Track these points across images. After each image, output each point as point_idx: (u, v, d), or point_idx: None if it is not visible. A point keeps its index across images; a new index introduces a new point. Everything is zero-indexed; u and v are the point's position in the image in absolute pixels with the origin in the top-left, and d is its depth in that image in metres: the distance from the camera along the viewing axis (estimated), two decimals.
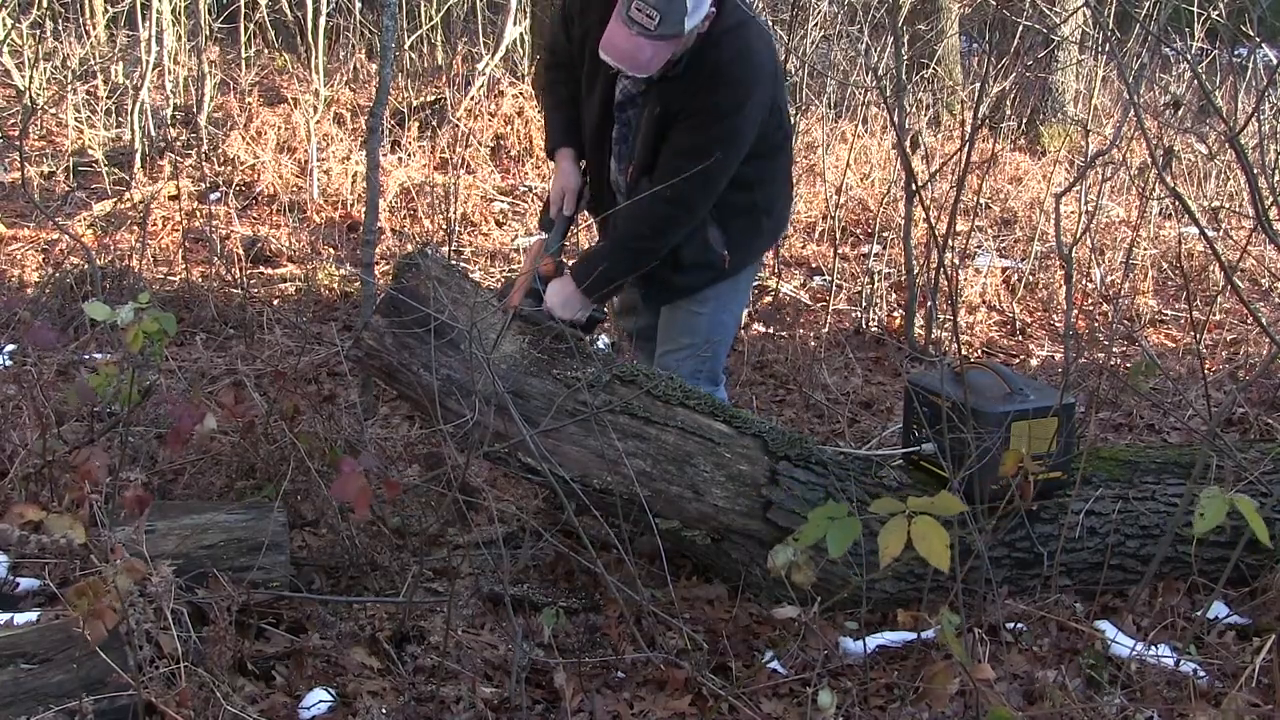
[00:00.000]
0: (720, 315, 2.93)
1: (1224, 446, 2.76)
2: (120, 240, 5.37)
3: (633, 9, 2.46)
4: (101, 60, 7.24)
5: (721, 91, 2.58)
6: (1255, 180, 2.60)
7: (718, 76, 2.58)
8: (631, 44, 2.48)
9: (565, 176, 2.86)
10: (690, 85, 2.60)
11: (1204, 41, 6.48)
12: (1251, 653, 2.40)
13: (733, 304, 2.98)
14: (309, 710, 2.17)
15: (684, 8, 2.46)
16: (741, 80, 2.60)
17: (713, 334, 2.94)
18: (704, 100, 2.58)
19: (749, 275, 3.04)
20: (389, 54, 3.59)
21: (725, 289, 2.90)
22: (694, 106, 2.59)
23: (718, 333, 2.95)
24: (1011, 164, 7.45)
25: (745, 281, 3.02)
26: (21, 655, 2.01)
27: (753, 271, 3.07)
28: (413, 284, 2.59)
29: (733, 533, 2.66)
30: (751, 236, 2.88)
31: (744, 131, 2.63)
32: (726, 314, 2.96)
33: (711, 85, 2.58)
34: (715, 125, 2.59)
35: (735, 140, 2.62)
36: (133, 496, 2.13)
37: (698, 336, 2.92)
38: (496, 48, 6.99)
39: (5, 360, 3.93)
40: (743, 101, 2.60)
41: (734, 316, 3.05)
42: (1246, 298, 3.74)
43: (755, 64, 2.62)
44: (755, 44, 2.65)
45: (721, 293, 2.89)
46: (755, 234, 2.89)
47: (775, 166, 2.85)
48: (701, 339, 2.92)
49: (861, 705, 2.26)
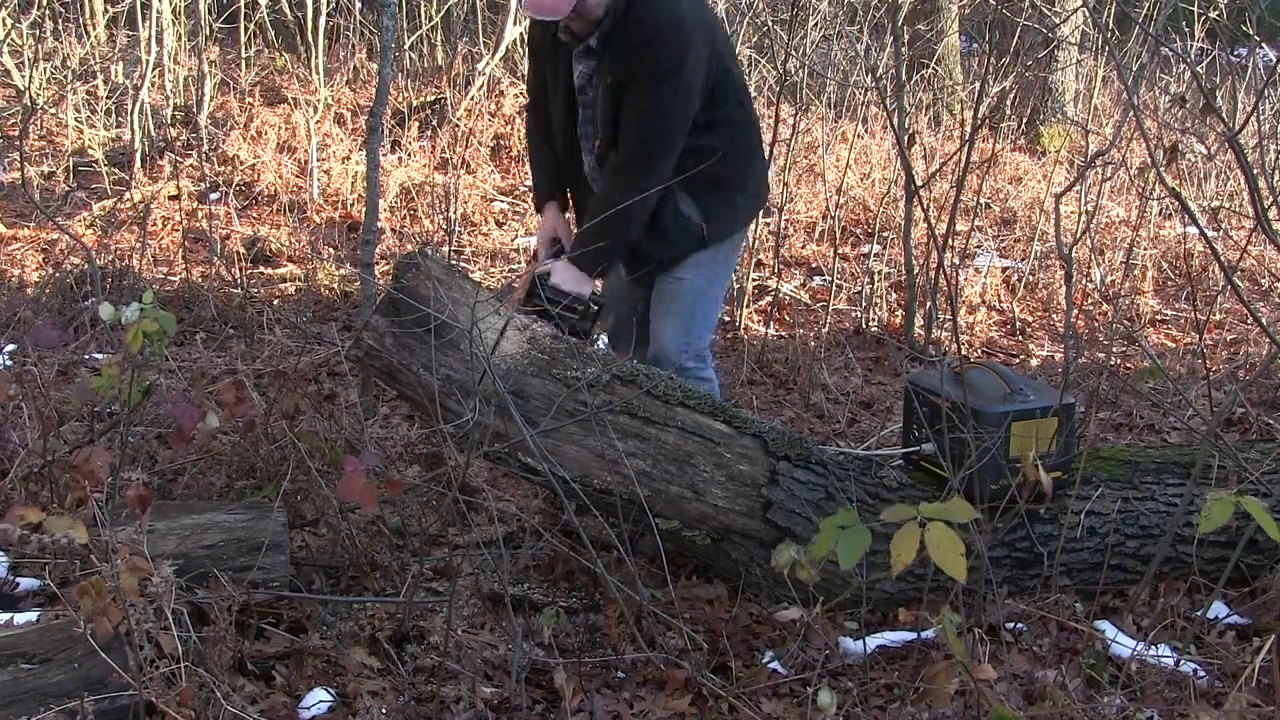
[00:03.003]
0: (701, 282, 3.05)
1: (1224, 446, 2.76)
2: (120, 240, 5.37)
3: None
4: (101, 60, 7.24)
5: (658, 51, 2.77)
6: (1255, 180, 2.60)
7: (652, 38, 2.77)
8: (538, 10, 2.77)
9: (550, 224, 3.08)
10: (629, 50, 2.79)
11: (1204, 41, 6.48)
12: (1251, 653, 2.40)
13: (714, 275, 3.10)
14: (309, 710, 2.18)
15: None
16: (675, 37, 2.78)
17: (695, 302, 3.06)
18: (645, 62, 2.77)
19: (729, 249, 3.16)
20: (389, 54, 3.59)
21: (705, 258, 3.03)
22: (637, 70, 2.78)
23: (701, 301, 3.07)
24: (1011, 164, 7.45)
25: (726, 254, 3.14)
26: (21, 655, 2.01)
27: (733, 246, 3.19)
28: (413, 284, 2.58)
29: (733, 533, 2.66)
30: (726, 207, 3.03)
31: (689, 83, 2.79)
32: (706, 282, 3.07)
33: (647, 47, 2.77)
34: (660, 83, 2.77)
35: (681, 93, 2.79)
36: (134, 495, 2.13)
37: (681, 303, 3.05)
38: (496, 48, 6.99)
39: (6, 360, 3.93)
40: (681, 57, 2.77)
41: (715, 287, 3.15)
42: (1246, 298, 3.74)
43: (686, 19, 2.81)
44: (683, 2, 2.85)
45: (701, 261, 3.03)
46: (729, 205, 3.04)
47: (737, 136, 2.98)
48: (685, 306, 3.05)
49: (861, 705, 2.26)
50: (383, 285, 3.56)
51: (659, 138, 2.81)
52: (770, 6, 7.81)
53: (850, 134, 6.78)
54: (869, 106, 7.15)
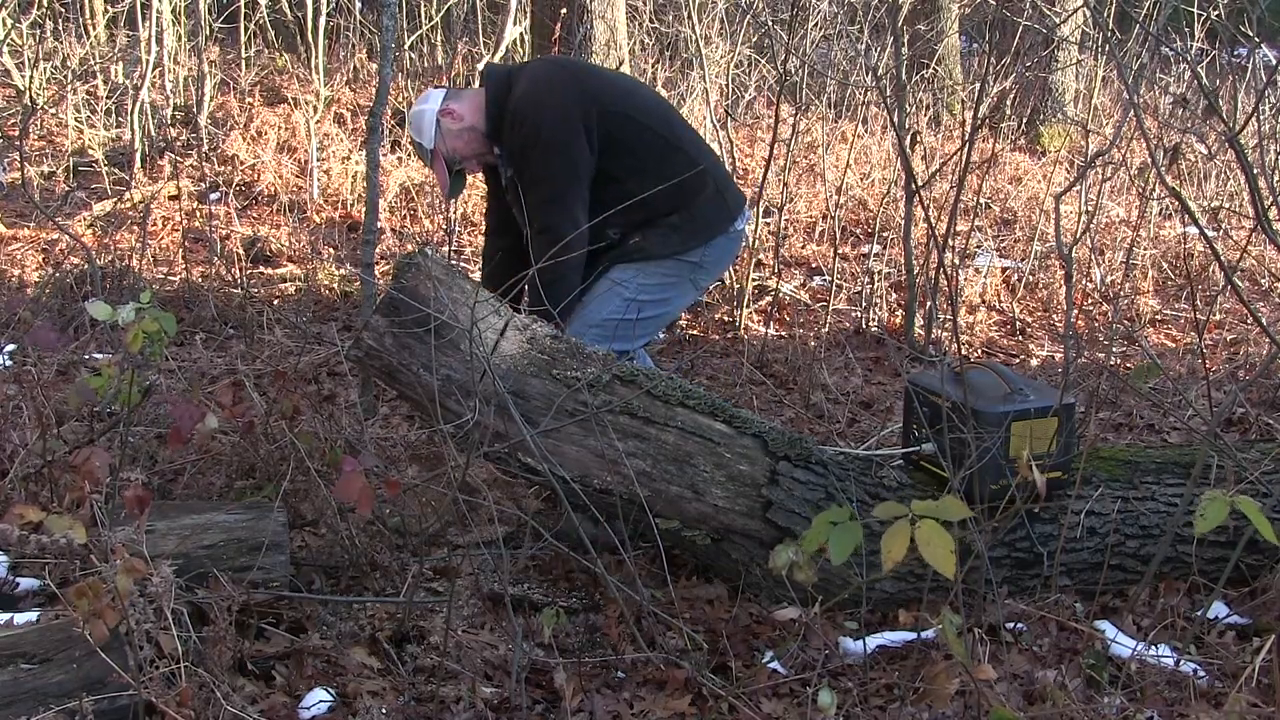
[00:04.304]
0: (626, 289, 3.13)
1: (1224, 446, 2.76)
2: (120, 240, 5.37)
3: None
4: (101, 60, 7.24)
5: (520, 129, 3.06)
6: (1255, 180, 2.60)
7: (514, 119, 3.08)
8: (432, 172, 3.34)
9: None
10: (510, 141, 3.11)
11: (1204, 41, 6.48)
12: (1251, 653, 2.40)
13: (641, 288, 3.14)
14: (309, 710, 2.17)
15: (417, 140, 3.20)
16: (531, 110, 3.06)
17: (614, 306, 3.11)
18: (514, 143, 3.09)
19: (673, 270, 3.19)
20: (389, 54, 3.59)
21: (634, 268, 3.15)
22: (514, 152, 3.10)
23: (619, 308, 3.12)
24: (1011, 164, 7.45)
25: (661, 274, 3.18)
26: (21, 655, 2.01)
27: (678, 269, 3.20)
28: (412, 284, 2.58)
29: (733, 533, 2.66)
30: (659, 231, 3.16)
31: (559, 147, 3.03)
32: (632, 290, 3.13)
33: (515, 129, 3.08)
34: (529, 153, 3.05)
35: (554, 157, 3.04)
36: (133, 495, 2.13)
37: (599, 302, 3.13)
38: (496, 48, 6.99)
39: (5, 360, 3.93)
40: (539, 124, 3.04)
41: (638, 298, 3.16)
42: (1246, 298, 3.74)
43: (543, 90, 3.10)
44: (541, 75, 3.17)
45: (629, 272, 3.14)
46: (665, 229, 3.16)
47: (653, 169, 3.09)
48: (602, 307, 3.12)
49: (861, 705, 2.26)
50: (383, 285, 3.56)
51: (549, 201, 3.02)
52: (770, 6, 7.82)
53: (850, 134, 6.78)
54: (869, 106, 7.15)
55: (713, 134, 5.79)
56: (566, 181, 3.03)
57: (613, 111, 3.10)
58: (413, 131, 3.21)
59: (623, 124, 3.10)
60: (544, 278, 2.83)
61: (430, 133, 3.16)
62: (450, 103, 3.16)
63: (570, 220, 3.00)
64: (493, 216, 3.41)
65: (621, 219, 3.03)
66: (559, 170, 3.03)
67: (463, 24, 8.28)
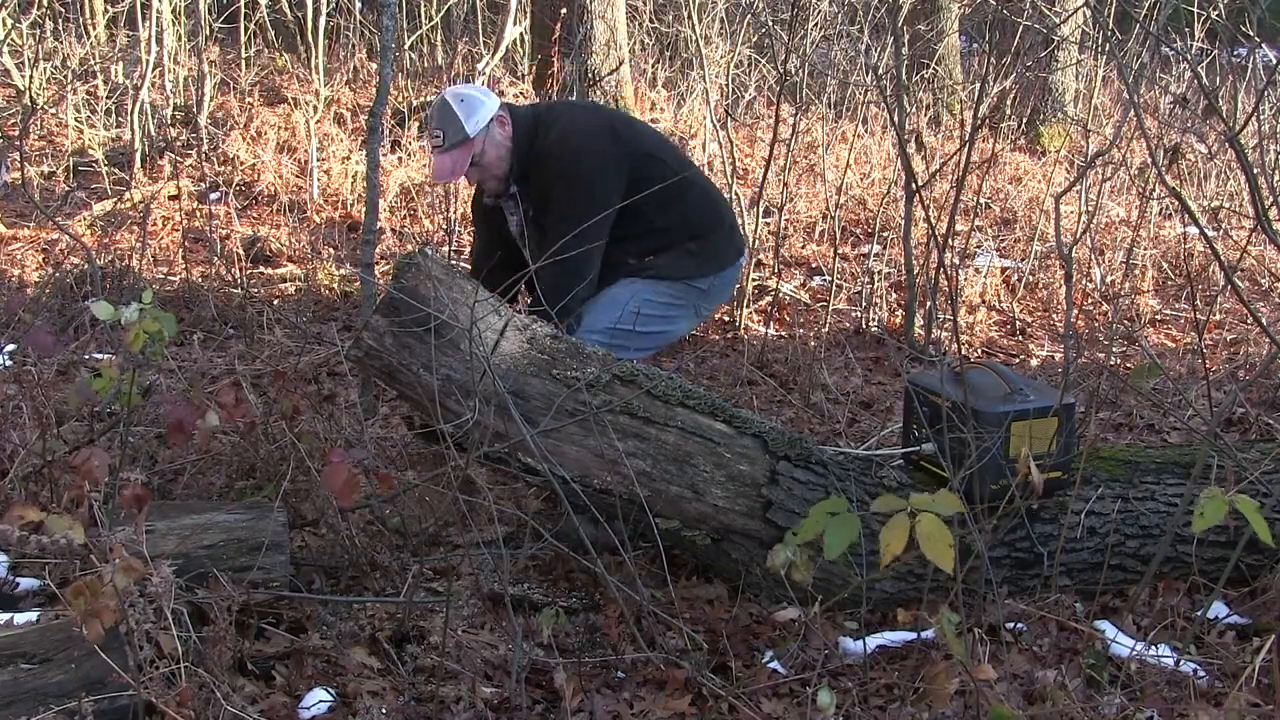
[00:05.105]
0: (631, 301, 3.20)
1: (1224, 446, 2.76)
2: (120, 240, 5.37)
3: (427, 136, 3.28)
4: (101, 60, 7.24)
5: (557, 169, 3.13)
6: (1255, 180, 2.60)
7: (549, 160, 3.14)
8: (436, 161, 3.20)
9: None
10: (536, 179, 3.17)
11: (1204, 41, 6.48)
12: (1251, 653, 2.40)
13: (646, 302, 3.24)
14: (309, 710, 2.17)
15: (458, 120, 3.11)
16: (569, 153, 3.14)
17: (619, 314, 3.20)
18: (548, 182, 3.14)
19: (681, 295, 3.32)
20: (389, 54, 3.59)
21: (644, 284, 3.24)
22: (545, 192, 3.15)
23: (625, 317, 3.21)
24: (1011, 164, 7.45)
25: (670, 293, 3.29)
26: (21, 655, 2.01)
27: (686, 294, 3.34)
28: (412, 284, 2.58)
29: (733, 533, 2.66)
30: (677, 257, 3.29)
31: (595, 190, 3.11)
32: (637, 303, 3.21)
33: (547, 168, 3.14)
34: (566, 195, 3.11)
35: (588, 200, 3.09)
36: (131, 494, 2.13)
37: (608, 313, 3.20)
38: (496, 48, 6.99)
39: (5, 360, 3.93)
40: (576, 168, 3.13)
41: (642, 311, 3.23)
42: (1246, 298, 3.74)
43: (579, 135, 3.18)
44: (577, 119, 3.26)
45: (638, 285, 3.24)
46: (681, 254, 3.30)
47: (679, 212, 3.25)
48: (599, 319, 3.19)
49: (861, 705, 2.26)
50: (383, 285, 3.56)
51: (575, 238, 2.96)
52: (770, 6, 7.82)
53: (850, 134, 6.78)
54: (869, 106, 7.15)
55: (713, 134, 5.79)
56: (594, 226, 3.05)
57: (641, 154, 3.22)
58: (460, 110, 3.13)
59: (647, 163, 3.21)
60: (553, 308, 2.86)
61: (483, 125, 3.14)
62: (506, 115, 3.20)
63: (589, 263, 3.09)
64: (482, 259, 3.40)
65: (639, 246, 3.22)
66: (593, 213, 3.05)
67: (463, 24, 8.29)
